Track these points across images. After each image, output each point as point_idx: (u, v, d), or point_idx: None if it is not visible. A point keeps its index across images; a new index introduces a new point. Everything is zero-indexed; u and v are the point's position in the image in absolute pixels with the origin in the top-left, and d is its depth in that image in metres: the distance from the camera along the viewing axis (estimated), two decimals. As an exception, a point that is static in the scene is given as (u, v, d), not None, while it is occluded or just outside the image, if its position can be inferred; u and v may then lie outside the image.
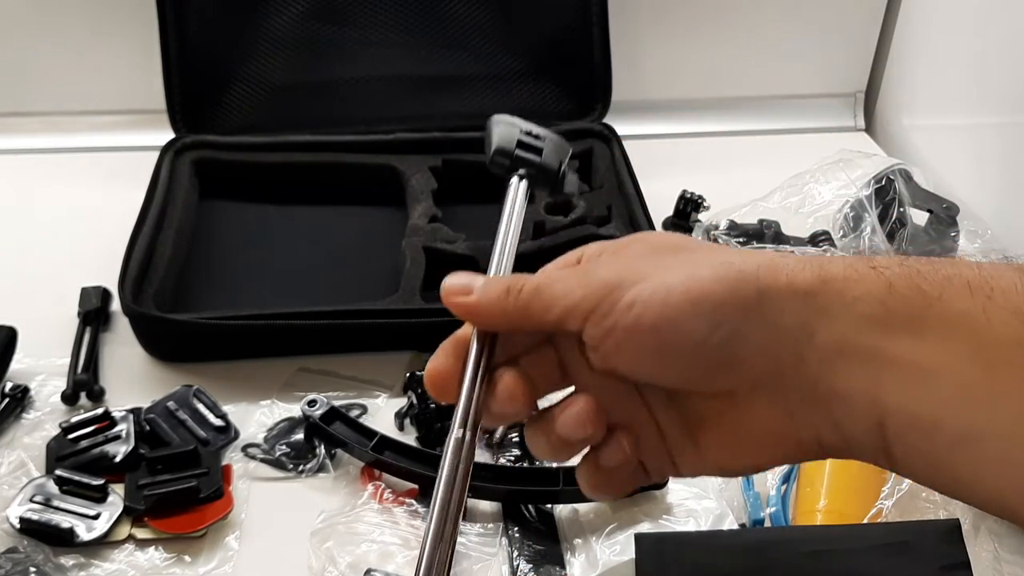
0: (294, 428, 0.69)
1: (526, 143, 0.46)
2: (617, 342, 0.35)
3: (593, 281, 0.36)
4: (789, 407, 0.35)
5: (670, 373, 0.36)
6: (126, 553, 0.61)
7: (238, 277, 0.84)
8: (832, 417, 0.34)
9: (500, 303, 0.37)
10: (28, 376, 0.72)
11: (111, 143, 1.02)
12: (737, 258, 0.35)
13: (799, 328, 0.33)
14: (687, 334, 0.34)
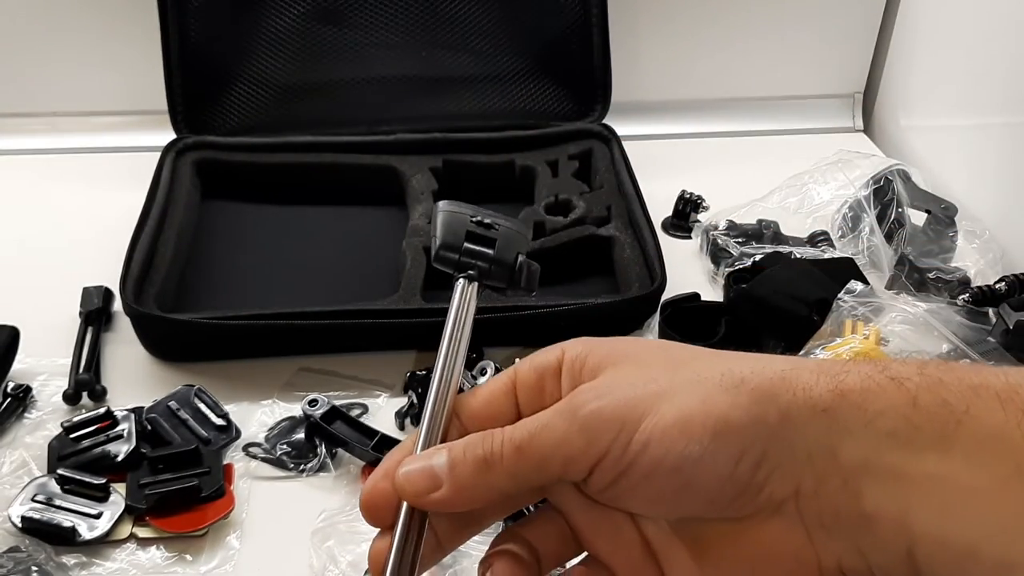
0: (295, 427, 0.69)
1: (477, 234, 0.40)
2: (631, 485, 0.31)
3: (592, 424, 0.31)
4: (809, 531, 0.32)
5: (687, 509, 0.32)
6: (128, 552, 0.61)
7: (239, 277, 0.85)
8: (856, 542, 0.31)
9: (478, 482, 0.32)
10: (30, 376, 0.72)
11: (113, 144, 1.02)
12: (744, 370, 0.32)
13: (821, 448, 0.31)
14: (711, 469, 0.31)
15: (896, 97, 1.09)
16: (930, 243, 0.83)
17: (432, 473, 0.32)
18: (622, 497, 0.32)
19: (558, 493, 0.35)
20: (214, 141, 0.95)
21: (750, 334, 0.73)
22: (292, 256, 0.87)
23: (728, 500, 0.31)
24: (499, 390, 0.35)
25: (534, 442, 0.31)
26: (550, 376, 0.34)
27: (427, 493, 0.32)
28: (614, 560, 0.35)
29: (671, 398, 0.31)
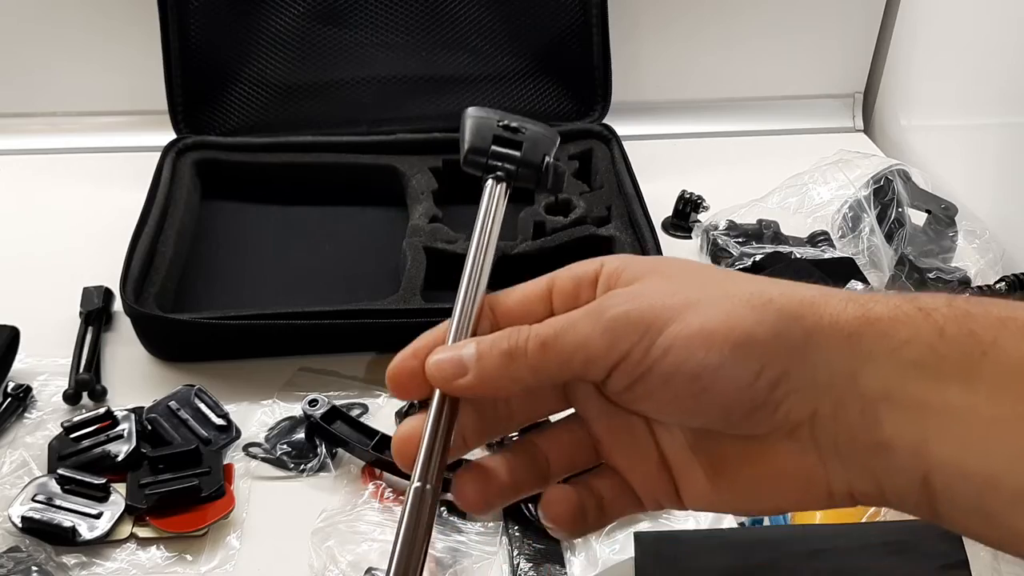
0: (295, 427, 0.69)
1: (504, 138, 0.41)
2: (648, 389, 0.32)
3: (617, 326, 0.32)
4: (822, 454, 0.32)
5: (703, 418, 0.33)
6: (128, 552, 0.61)
7: (239, 277, 0.85)
8: (869, 467, 0.31)
9: (504, 373, 0.33)
10: (30, 376, 0.72)
11: (113, 144, 1.02)
12: (774, 291, 0.32)
13: (842, 373, 0.31)
14: (730, 381, 0.31)
15: (896, 97, 1.09)
16: (930, 243, 0.83)
17: (460, 362, 0.33)
18: (640, 400, 0.33)
19: (581, 399, 0.36)
20: (214, 141, 0.95)
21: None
22: (292, 256, 0.87)
23: (743, 414, 0.32)
24: (535, 293, 0.36)
25: (558, 339, 0.32)
26: (586, 284, 0.35)
27: (454, 379, 0.33)
28: (630, 470, 0.35)
29: (697, 309, 0.31)
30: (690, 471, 0.34)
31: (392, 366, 0.35)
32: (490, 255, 0.37)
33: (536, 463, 0.36)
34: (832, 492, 0.32)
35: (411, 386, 0.34)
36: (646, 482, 0.35)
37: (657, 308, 0.32)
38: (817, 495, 0.33)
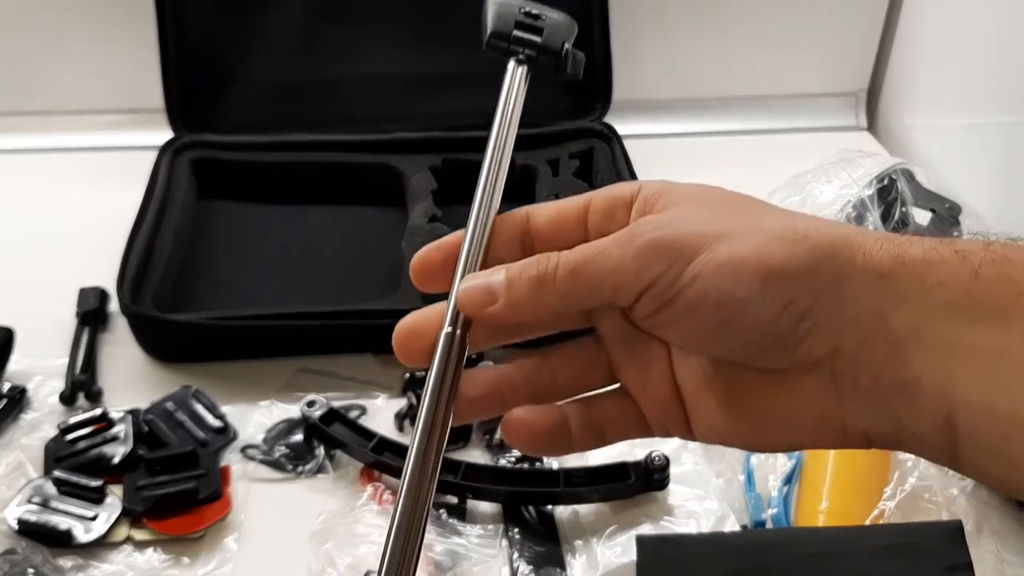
0: (293, 429, 0.69)
1: (525, 23, 0.42)
2: (673, 315, 0.32)
3: (647, 252, 0.32)
4: (842, 392, 0.32)
5: (723, 348, 0.33)
6: (124, 554, 0.60)
7: (237, 277, 0.84)
8: (890, 408, 0.31)
9: (534, 300, 0.33)
10: (26, 377, 0.72)
11: (109, 143, 1.02)
12: (808, 227, 0.32)
13: (871, 311, 0.31)
14: (755, 313, 0.31)
15: (900, 95, 1.09)
16: (934, 242, 0.83)
17: (490, 289, 0.33)
18: (663, 326, 0.33)
19: (603, 320, 0.36)
20: (211, 140, 0.94)
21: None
22: (290, 256, 0.87)
23: (765, 347, 0.32)
24: (570, 212, 0.36)
25: (588, 267, 0.32)
26: (621, 206, 0.35)
27: (483, 307, 0.33)
28: (643, 395, 0.35)
29: (730, 240, 0.31)
30: (704, 401, 0.34)
31: (416, 258, 0.36)
32: (511, 136, 0.39)
33: (541, 377, 0.36)
34: (847, 432, 0.32)
35: (430, 279, 0.36)
36: (658, 408, 0.35)
37: (689, 236, 0.32)
38: (831, 434, 0.33)
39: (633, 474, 0.62)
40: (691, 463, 0.65)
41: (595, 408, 0.36)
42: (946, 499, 0.62)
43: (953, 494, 0.63)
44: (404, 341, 0.35)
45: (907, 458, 0.65)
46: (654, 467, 0.62)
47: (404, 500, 0.32)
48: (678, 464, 0.64)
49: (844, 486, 0.62)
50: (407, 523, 0.32)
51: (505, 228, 0.37)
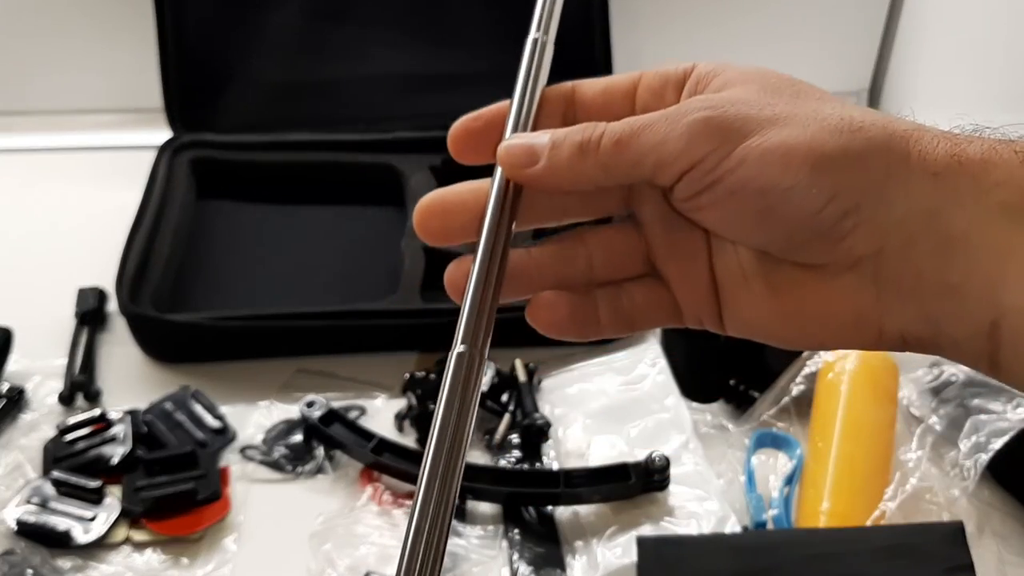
0: (292, 429, 0.68)
1: None
2: (714, 199, 0.31)
3: (695, 131, 0.30)
4: (881, 293, 0.31)
5: (763, 238, 0.31)
6: (123, 555, 0.60)
7: (236, 277, 0.84)
8: (931, 310, 0.30)
9: (575, 167, 0.32)
10: (24, 377, 0.72)
11: (108, 142, 1.02)
12: (865, 119, 0.31)
13: (921, 211, 0.30)
14: (798, 204, 0.30)
15: (902, 93, 1.09)
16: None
17: (532, 150, 0.32)
18: (703, 209, 0.31)
19: (643, 202, 0.35)
20: (211, 139, 0.94)
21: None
22: (289, 256, 0.87)
23: (806, 240, 0.31)
24: (619, 87, 0.35)
25: (633, 139, 0.31)
26: (673, 85, 0.34)
27: (524, 167, 0.32)
28: (679, 282, 0.34)
29: (782, 126, 0.30)
30: (738, 293, 0.33)
31: (455, 125, 0.35)
32: (557, 11, 0.36)
33: (577, 260, 0.35)
34: (883, 333, 0.31)
35: (468, 148, 0.35)
36: (692, 296, 0.34)
37: (740, 118, 0.30)
38: (866, 335, 0.32)
39: (633, 475, 0.62)
40: (692, 464, 0.65)
41: (626, 295, 0.35)
42: (947, 500, 0.62)
43: (954, 495, 0.63)
44: (429, 218, 0.34)
45: (908, 459, 0.65)
46: (654, 468, 0.62)
47: (450, 384, 0.30)
48: (679, 465, 0.64)
49: (845, 487, 0.62)
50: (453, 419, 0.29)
51: (549, 100, 0.35)
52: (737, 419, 0.69)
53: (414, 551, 0.28)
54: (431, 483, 0.28)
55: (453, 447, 0.29)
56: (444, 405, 0.29)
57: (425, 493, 0.28)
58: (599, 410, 0.70)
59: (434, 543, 0.28)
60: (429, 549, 0.28)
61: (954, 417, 0.65)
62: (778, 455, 0.67)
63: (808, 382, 0.68)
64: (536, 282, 0.34)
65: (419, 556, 0.28)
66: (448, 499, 0.28)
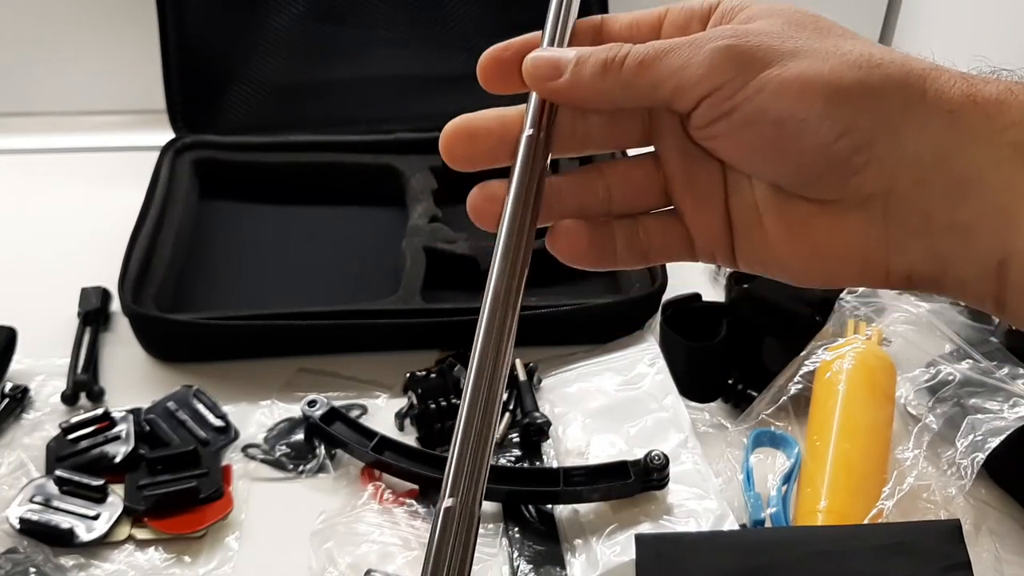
0: (294, 428, 0.69)
1: None
2: (730, 127, 0.31)
3: (716, 57, 0.31)
4: (890, 231, 0.31)
5: (776, 170, 0.32)
6: (126, 553, 0.61)
7: (238, 277, 0.84)
8: (939, 250, 0.30)
9: (597, 83, 0.32)
10: (28, 376, 0.72)
11: (111, 143, 1.02)
12: (884, 56, 0.31)
13: (933, 150, 0.30)
14: (811, 136, 0.30)
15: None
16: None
17: (557, 63, 0.32)
18: (718, 137, 0.32)
19: (662, 133, 0.35)
20: (213, 140, 0.94)
21: (752, 334, 0.72)
22: (291, 256, 0.87)
23: (817, 174, 0.31)
24: (645, 21, 0.35)
25: (656, 61, 0.31)
26: (698, 19, 0.34)
27: (547, 80, 0.32)
28: (694, 216, 0.35)
29: (802, 58, 0.30)
30: (751, 228, 0.34)
31: (484, 55, 0.35)
32: None
33: (595, 192, 0.35)
34: (890, 272, 0.32)
35: (496, 77, 0.34)
36: (706, 231, 0.35)
37: (762, 48, 0.31)
38: (873, 273, 0.32)
39: (632, 473, 0.62)
40: (690, 462, 0.66)
41: (643, 227, 0.35)
42: (944, 498, 0.63)
43: (951, 493, 0.63)
44: (455, 143, 0.34)
45: (906, 458, 0.65)
46: (653, 466, 0.62)
47: (487, 316, 0.31)
48: (677, 463, 0.64)
49: (843, 485, 0.62)
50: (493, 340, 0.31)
51: (578, 32, 0.35)
52: (735, 418, 0.70)
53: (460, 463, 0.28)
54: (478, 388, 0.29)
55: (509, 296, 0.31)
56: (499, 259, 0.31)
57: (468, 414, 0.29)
58: (598, 409, 0.70)
59: (481, 449, 0.29)
60: (476, 459, 0.28)
61: (951, 416, 0.65)
62: (776, 454, 0.67)
63: (806, 381, 0.69)
64: (555, 210, 0.35)
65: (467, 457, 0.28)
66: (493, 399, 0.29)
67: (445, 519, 0.28)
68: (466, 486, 0.28)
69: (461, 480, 0.28)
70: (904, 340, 0.70)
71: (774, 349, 0.71)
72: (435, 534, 0.28)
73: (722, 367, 0.72)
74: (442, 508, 0.28)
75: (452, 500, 0.28)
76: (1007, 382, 0.65)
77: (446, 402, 0.68)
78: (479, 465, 0.29)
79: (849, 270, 0.32)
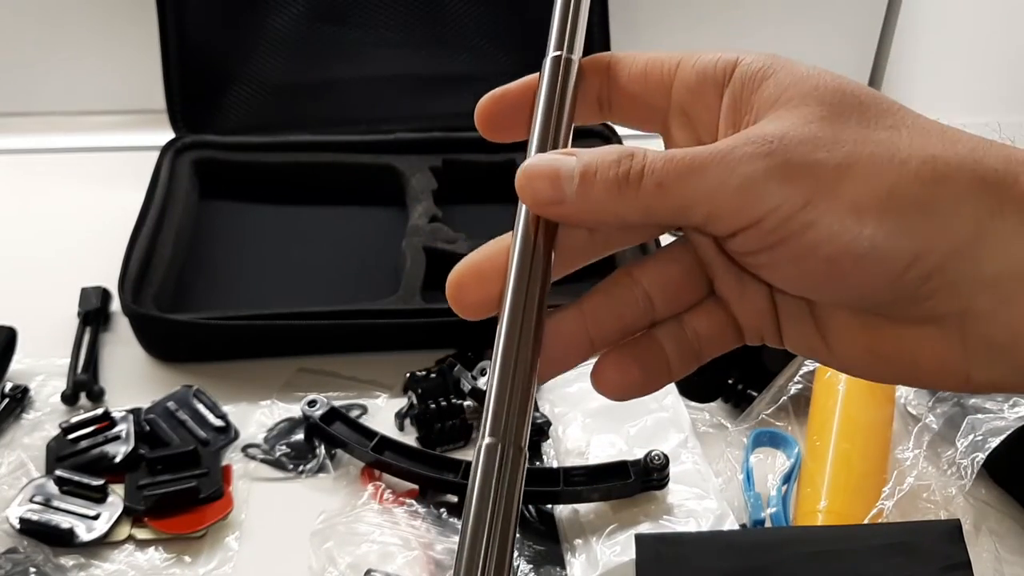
0: (294, 428, 0.69)
1: None
2: (775, 261, 0.27)
3: (754, 184, 0.26)
4: (968, 349, 0.27)
5: (831, 299, 0.28)
6: (126, 553, 0.61)
7: (238, 277, 0.84)
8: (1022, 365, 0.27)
9: (608, 208, 0.27)
10: (28, 376, 0.72)
11: (111, 143, 1.02)
12: (950, 160, 0.26)
13: (1017, 269, 0.26)
14: (873, 269, 0.26)
15: (899, 94, 1.09)
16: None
17: (558, 183, 0.27)
18: (761, 267, 0.28)
19: (698, 240, 0.30)
20: (213, 140, 0.94)
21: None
22: (291, 256, 0.87)
23: (880, 301, 0.27)
24: (655, 74, 0.30)
25: (679, 183, 0.26)
26: (712, 85, 0.29)
27: (549, 204, 0.28)
28: (739, 305, 0.31)
29: (855, 175, 0.26)
30: (801, 323, 0.30)
31: (480, 106, 0.32)
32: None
33: (635, 303, 0.30)
34: (971, 381, 0.28)
35: (494, 128, 0.31)
36: (754, 318, 0.31)
37: (806, 167, 0.26)
38: (951, 381, 0.29)
39: (632, 473, 0.62)
40: (690, 462, 0.66)
41: (688, 326, 0.31)
42: (944, 498, 0.63)
43: (951, 493, 0.63)
44: (463, 291, 0.29)
45: (906, 457, 0.65)
46: (653, 466, 0.62)
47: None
48: (677, 463, 0.64)
49: (843, 485, 0.62)
50: None
51: (585, 74, 0.31)
52: (735, 418, 0.70)
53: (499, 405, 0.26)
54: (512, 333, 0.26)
55: None
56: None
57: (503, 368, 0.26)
58: (598, 409, 0.70)
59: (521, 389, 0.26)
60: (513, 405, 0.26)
61: (951, 416, 0.65)
62: (776, 454, 0.67)
63: (806, 381, 0.69)
64: (597, 341, 0.30)
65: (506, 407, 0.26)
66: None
67: (487, 458, 0.25)
68: (508, 420, 0.26)
69: (503, 413, 0.26)
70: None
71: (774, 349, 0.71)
72: (477, 475, 0.25)
73: (722, 367, 0.72)
74: (483, 446, 0.26)
75: (493, 438, 0.26)
76: (1007, 382, 0.65)
77: (446, 402, 0.68)
78: (525, 395, 0.26)
79: (921, 376, 0.29)
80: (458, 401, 0.69)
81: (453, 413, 0.68)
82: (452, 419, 0.68)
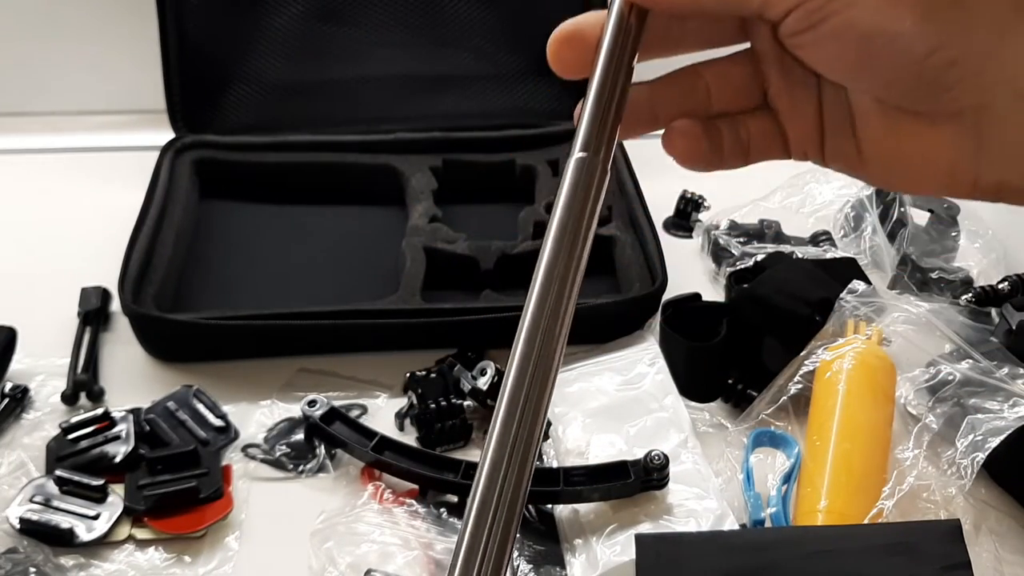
0: (294, 428, 0.69)
1: None
2: (817, 39, 0.30)
3: None
4: (982, 145, 0.31)
5: (863, 82, 0.32)
6: (126, 553, 0.61)
7: (238, 277, 0.84)
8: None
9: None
10: (28, 376, 0.72)
11: (111, 143, 1.02)
12: None
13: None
14: (902, 51, 0.29)
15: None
16: (932, 243, 0.83)
17: None
18: (806, 47, 0.31)
19: (758, 35, 0.34)
20: (213, 140, 0.94)
21: (752, 334, 0.72)
22: (291, 256, 0.87)
23: (907, 88, 0.30)
24: None
25: None
26: None
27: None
28: (790, 116, 0.35)
29: None
30: (842, 130, 0.34)
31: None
32: None
33: (696, 92, 0.35)
34: (978, 184, 0.31)
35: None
36: (801, 130, 0.35)
37: None
38: (961, 184, 0.32)
39: (632, 473, 0.62)
40: (690, 462, 0.66)
41: (743, 126, 0.35)
42: (944, 498, 0.63)
43: (951, 493, 0.63)
44: (563, 47, 0.33)
45: (906, 457, 0.65)
46: (653, 466, 0.62)
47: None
48: (677, 463, 0.64)
49: (843, 485, 0.62)
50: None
51: None
52: (735, 418, 0.70)
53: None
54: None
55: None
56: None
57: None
58: (598, 409, 0.70)
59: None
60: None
61: (951, 416, 0.65)
62: (776, 454, 0.67)
63: (806, 381, 0.69)
64: (661, 115, 0.35)
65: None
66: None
67: (576, 168, 0.30)
68: (599, 135, 0.30)
69: (594, 127, 0.30)
70: (904, 340, 0.70)
71: (774, 349, 0.71)
72: (564, 186, 0.29)
73: (722, 367, 0.72)
74: (573, 159, 0.30)
75: (584, 153, 0.30)
76: (1007, 382, 0.65)
77: (446, 402, 0.69)
78: (614, 126, 0.30)
79: (933, 179, 0.32)
80: (458, 401, 0.69)
81: (453, 413, 0.68)
82: (452, 419, 0.68)
